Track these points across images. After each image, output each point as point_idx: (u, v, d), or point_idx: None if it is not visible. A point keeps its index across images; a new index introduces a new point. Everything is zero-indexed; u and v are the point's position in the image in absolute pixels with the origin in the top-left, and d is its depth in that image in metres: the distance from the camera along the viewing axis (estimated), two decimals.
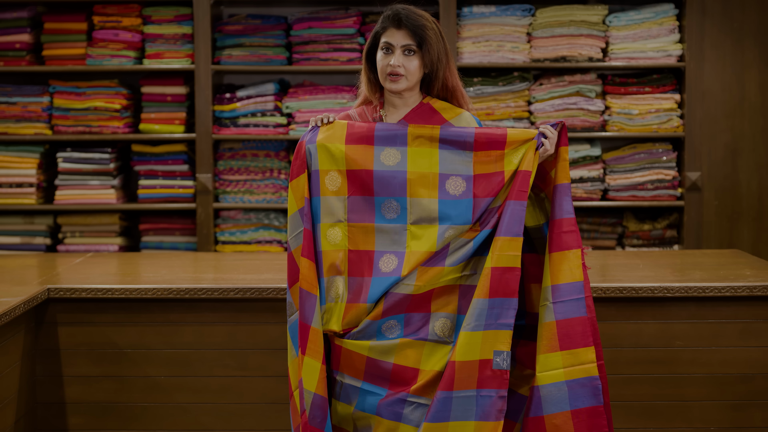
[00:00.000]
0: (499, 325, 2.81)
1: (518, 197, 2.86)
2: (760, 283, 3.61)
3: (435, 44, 2.96)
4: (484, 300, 2.81)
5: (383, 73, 2.97)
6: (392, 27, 2.96)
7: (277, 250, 5.45)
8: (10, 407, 3.50)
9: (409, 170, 2.94)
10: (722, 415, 3.67)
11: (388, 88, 2.99)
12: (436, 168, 2.94)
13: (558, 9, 5.41)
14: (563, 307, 2.85)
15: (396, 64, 2.94)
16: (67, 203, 5.47)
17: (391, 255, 2.92)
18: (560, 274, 2.87)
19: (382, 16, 3.00)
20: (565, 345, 2.84)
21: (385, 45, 2.97)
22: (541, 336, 2.86)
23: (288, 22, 5.51)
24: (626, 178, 5.43)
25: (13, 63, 5.45)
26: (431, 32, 2.95)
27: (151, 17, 5.46)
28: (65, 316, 3.71)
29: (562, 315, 2.84)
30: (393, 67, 2.94)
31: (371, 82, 3.06)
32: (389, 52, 2.96)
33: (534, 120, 5.42)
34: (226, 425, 3.71)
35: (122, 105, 5.44)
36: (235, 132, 5.45)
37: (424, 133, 2.95)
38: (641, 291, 3.61)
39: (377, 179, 2.94)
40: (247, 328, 3.69)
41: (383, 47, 2.97)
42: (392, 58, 2.95)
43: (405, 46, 2.95)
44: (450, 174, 2.94)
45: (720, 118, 5.43)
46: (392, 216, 2.94)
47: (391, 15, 2.97)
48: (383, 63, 2.97)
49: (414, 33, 2.94)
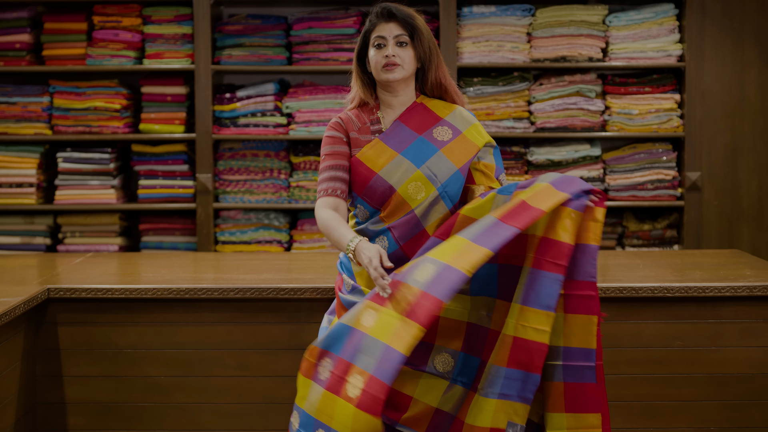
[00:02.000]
0: (518, 398, 2.75)
1: (552, 269, 2.74)
2: (760, 283, 3.61)
3: (426, 36, 3.00)
4: (503, 368, 2.74)
5: (378, 66, 2.98)
6: (383, 21, 3.00)
7: (277, 250, 5.45)
8: (10, 407, 3.50)
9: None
10: (722, 415, 3.67)
11: (384, 79, 2.99)
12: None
13: (558, 9, 5.41)
14: (573, 372, 2.78)
15: (392, 54, 2.96)
16: (67, 203, 5.47)
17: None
18: (574, 337, 2.79)
19: (369, 16, 3.03)
20: (570, 408, 2.78)
21: (377, 40, 2.98)
22: (548, 393, 2.81)
23: (288, 22, 5.51)
24: (626, 178, 5.43)
25: (13, 63, 5.45)
26: (420, 24, 3.01)
27: (151, 17, 5.46)
28: (65, 316, 3.71)
29: (571, 379, 2.78)
30: (388, 57, 2.96)
31: (366, 84, 3.07)
32: (382, 47, 2.98)
33: (534, 120, 5.42)
34: (226, 425, 3.71)
35: (122, 105, 5.44)
36: (235, 132, 5.45)
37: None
38: (641, 291, 3.61)
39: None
40: (247, 328, 3.69)
41: (375, 43, 2.99)
42: (386, 50, 2.96)
43: (397, 37, 2.98)
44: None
45: (720, 118, 5.43)
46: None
47: (380, 10, 3.01)
48: (377, 57, 2.98)
49: (405, 24, 2.98)
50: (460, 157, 3.02)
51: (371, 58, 3.00)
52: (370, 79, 3.07)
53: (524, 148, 5.50)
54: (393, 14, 2.99)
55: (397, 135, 3.02)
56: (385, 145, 3.00)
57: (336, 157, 3.01)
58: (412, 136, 3.02)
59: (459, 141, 3.04)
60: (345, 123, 3.05)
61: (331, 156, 3.02)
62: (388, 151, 3.00)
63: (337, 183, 2.99)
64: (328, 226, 2.93)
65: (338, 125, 3.05)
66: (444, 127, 3.05)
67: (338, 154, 3.02)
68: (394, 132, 3.03)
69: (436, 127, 3.04)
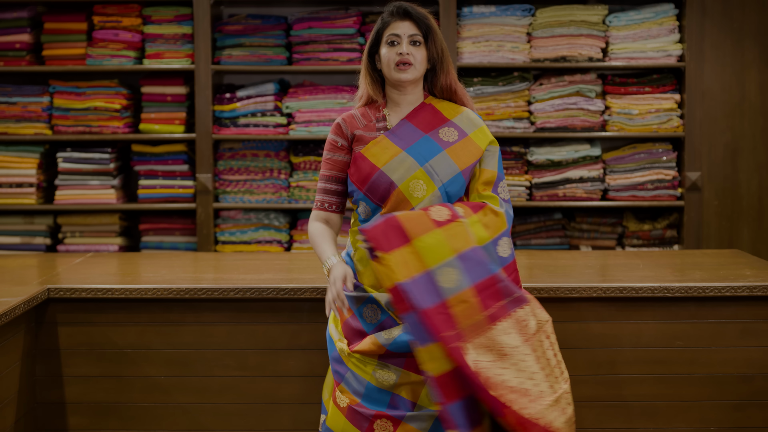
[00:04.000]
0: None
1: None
2: (760, 283, 3.61)
3: (439, 38, 3.02)
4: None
5: (391, 64, 3.00)
6: (397, 19, 3.01)
7: (277, 250, 5.45)
8: (10, 407, 3.50)
9: None
10: (722, 415, 3.67)
11: (396, 78, 3.00)
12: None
13: (558, 9, 5.41)
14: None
15: (405, 51, 2.97)
16: (67, 203, 5.47)
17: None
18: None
19: (382, 14, 3.03)
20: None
21: (390, 38, 3.00)
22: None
23: (288, 22, 5.51)
24: (626, 178, 5.43)
25: (13, 63, 5.45)
26: (434, 25, 3.04)
27: (151, 17, 5.46)
28: (65, 316, 3.71)
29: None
30: (402, 55, 2.97)
31: (374, 81, 3.08)
32: (395, 44, 2.99)
33: (534, 120, 5.42)
34: (226, 425, 3.71)
35: (122, 105, 5.44)
36: (235, 132, 5.45)
37: None
38: (641, 291, 3.61)
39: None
40: (247, 328, 3.69)
41: (389, 41, 3.00)
42: (400, 48, 2.98)
43: (412, 36, 2.99)
44: None
45: (720, 118, 5.43)
46: None
47: (395, 8, 3.03)
48: (390, 54, 2.99)
49: (420, 23, 3.00)
50: (465, 159, 3.03)
51: (383, 55, 3.01)
52: (379, 76, 3.08)
53: (524, 148, 5.50)
54: (408, 13, 3.01)
55: (403, 133, 3.04)
56: (391, 141, 3.02)
57: (333, 167, 3.09)
58: (418, 134, 3.03)
59: (464, 143, 3.05)
60: (348, 124, 3.07)
61: (329, 164, 3.10)
62: (393, 147, 3.01)
63: (332, 196, 3.09)
64: (314, 241, 3.07)
65: (339, 129, 3.08)
66: (450, 128, 3.06)
67: (336, 163, 3.08)
68: (401, 130, 3.04)
69: (443, 128, 3.05)
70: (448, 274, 2.87)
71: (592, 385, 3.63)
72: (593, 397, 3.64)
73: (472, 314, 2.85)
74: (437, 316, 2.82)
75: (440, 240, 2.87)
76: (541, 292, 3.56)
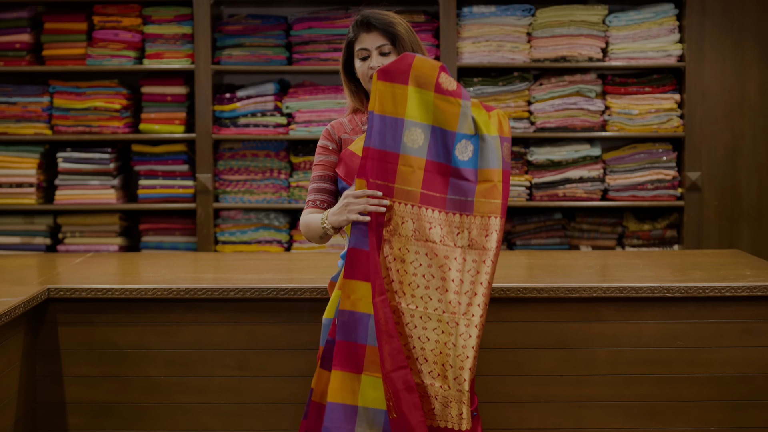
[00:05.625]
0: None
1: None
2: (760, 283, 3.61)
3: (407, 39, 3.02)
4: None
5: (365, 77, 3.04)
6: (363, 32, 3.03)
7: (277, 250, 5.45)
8: (10, 407, 3.50)
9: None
10: (722, 415, 3.67)
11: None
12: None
13: (558, 9, 5.41)
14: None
15: (376, 65, 2.98)
16: (67, 203, 5.47)
17: None
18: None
19: (350, 26, 3.06)
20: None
21: (360, 53, 3.03)
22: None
23: (288, 22, 5.51)
24: (626, 178, 5.43)
25: (13, 63, 5.45)
26: (401, 28, 3.02)
27: (151, 17, 5.47)
28: (65, 316, 3.71)
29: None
30: (373, 69, 2.99)
31: (353, 92, 3.12)
32: (366, 58, 3.01)
33: (534, 120, 5.43)
34: (226, 425, 3.71)
35: (122, 105, 5.44)
36: (235, 132, 5.45)
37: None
38: (641, 291, 3.61)
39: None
40: (247, 328, 3.69)
41: (359, 56, 3.03)
42: (370, 61, 3.00)
43: (380, 48, 3.01)
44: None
45: (720, 118, 5.43)
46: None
47: (359, 20, 3.04)
48: (363, 69, 3.03)
49: (385, 32, 3.00)
50: None
51: (357, 69, 3.05)
52: (358, 86, 3.11)
53: (524, 148, 5.50)
54: (372, 24, 3.01)
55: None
56: None
57: (325, 167, 3.12)
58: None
59: None
60: (336, 129, 3.14)
61: (320, 166, 3.13)
62: None
63: (324, 195, 3.11)
64: (306, 224, 3.06)
65: (328, 134, 3.14)
66: None
67: (328, 163, 3.12)
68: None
69: None
70: (415, 134, 2.89)
71: (592, 385, 3.63)
72: (593, 397, 3.64)
73: (411, 181, 2.86)
74: (379, 162, 2.86)
75: (428, 103, 2.88)
76: (541, 292, 3.56)
